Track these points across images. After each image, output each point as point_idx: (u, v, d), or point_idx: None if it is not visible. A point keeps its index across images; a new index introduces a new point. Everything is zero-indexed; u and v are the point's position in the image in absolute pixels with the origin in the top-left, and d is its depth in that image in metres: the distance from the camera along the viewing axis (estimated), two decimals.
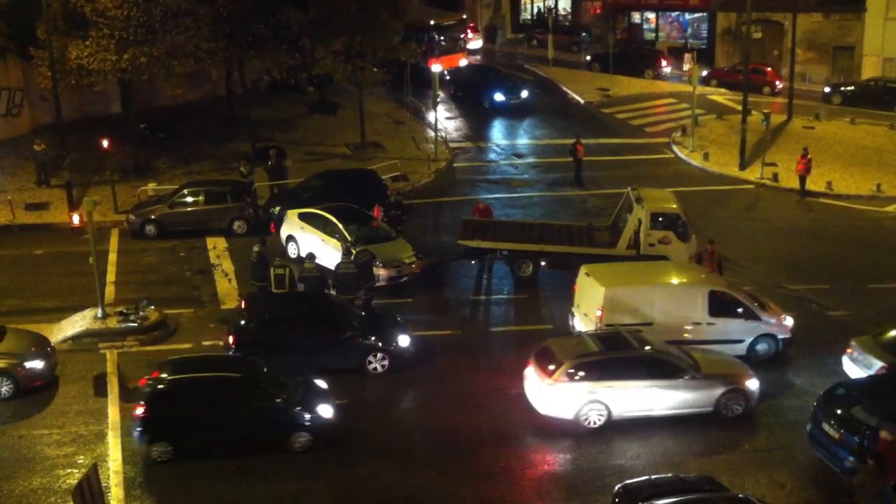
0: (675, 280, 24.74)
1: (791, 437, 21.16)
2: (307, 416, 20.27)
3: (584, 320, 24.28)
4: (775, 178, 38.38)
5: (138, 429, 19.76)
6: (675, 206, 28.76)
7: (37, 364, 22.44)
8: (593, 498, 19.07)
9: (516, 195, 36.86)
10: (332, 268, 27.07)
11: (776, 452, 20.74)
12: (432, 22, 53.28)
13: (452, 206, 35.43)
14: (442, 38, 53.63)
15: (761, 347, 24.05)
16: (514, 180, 38.75)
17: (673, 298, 23.84)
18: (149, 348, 24.72)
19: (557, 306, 27.63)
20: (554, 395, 20.91)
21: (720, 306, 23.83)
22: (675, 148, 42.73)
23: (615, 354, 21.35)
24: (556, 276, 29.09)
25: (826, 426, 19.63)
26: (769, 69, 52.16)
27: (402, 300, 27.53)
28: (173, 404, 19.82)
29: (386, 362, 23.43)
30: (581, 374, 20.93)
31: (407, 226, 31.89)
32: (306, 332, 23.07)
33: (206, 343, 25.03)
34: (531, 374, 21.59)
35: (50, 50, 32.95)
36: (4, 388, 22.02)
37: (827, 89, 50.98)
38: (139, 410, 19.73)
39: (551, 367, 21.06)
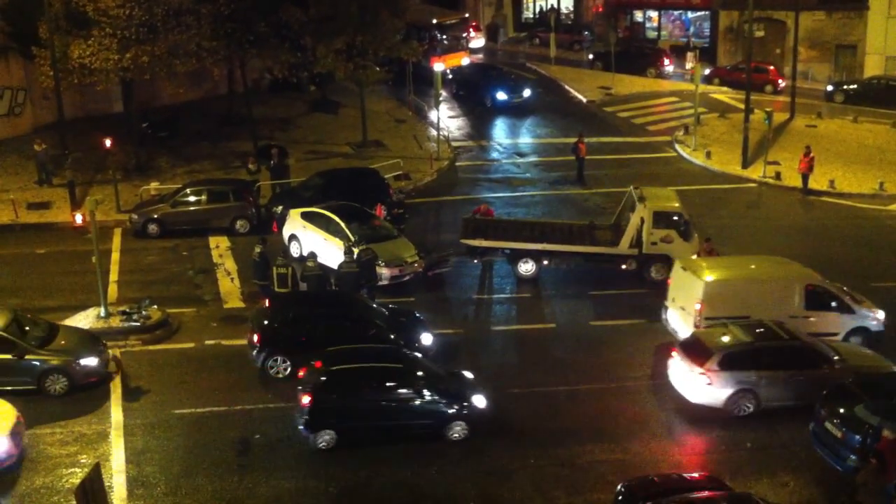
0: (772, 274, 25.08)
1: (793, 435, 21.15)
2: (464, 406, 20.77)
3: (681, 314, 24.48)
4: (777, 176, 38.35)
5: (304, 417, 20.18)
6: (677, 204, 28.76)
7: (91, 361, 22.58)
8: (595, 496, 19.07)
9: (518, 194, 36.85)
10: (335, 267, 27.07)
11: (778, 451, 20.75)
12: (434, 20, 53.26)
13: (454, 205, 35.43)
14: (444, 36, 53.61)
15: (855, 340, 24.28)
16: (516, 179, 38.74)
17: (771, 292, 24.14)
18: (151, 347, 24.76)
19: (559, 305, 27.69)
20: (704, 383, 21.37)
21: (816, 300, 24.24)
22: (677, 146, 42.71)
23: (766, 344, 21.86)
24: (558, 275, 29.13)
25: (828, 425, 19.64)
26: (771, 67, 52.11)
27: (404, 299, 27.53)
28: (340, 394, 20.30)
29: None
30: (732, 363, 21.37)
31: (409, 224, 31.89)
32: (331, 330, 23.20)
33: (208, 342, 25.06)
34: (678, 364, 22.07)
35: (52, 49, 32.97)
36: (59, 385, 22.14)
37: (829, 88, 50.92)
38: (305, 399, 20.14)
39: (702, 357, 21.53)
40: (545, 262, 28.71)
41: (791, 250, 31.52)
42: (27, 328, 22.83)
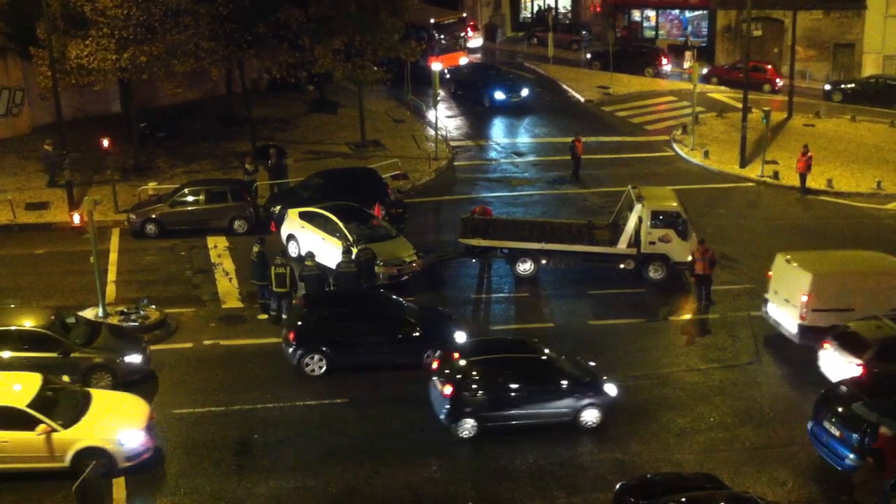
0: (877, 267, 25.22)
1: (792, 434, 21.19)
2: (598, 394, 21.19)
3: (784, 306, 24.66)
4: (776, 175, 38.38)
5: (447, 407, 20.48)
6: (675, 204, 28.78)
7: (135, 358, 22.68)
8: (594, 496, 19.09)
9: (517, 193, 36.86)
10: (333, 266, 27.07)
11: (777, 450, 20.77)
12: (432, 20, 53.24)
13: (453, 204, 35.43)
14: (442, 36, 53.58)
15: None
16: (514, 179, 38.75)
17: (877, 285, 24.25)
18: (150, 347, 24.70)
19: (558, 304, 27.69)
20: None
21: None
22: (675, 146, 42.73)
23: None
24: (557, 275, 29.14)
25: (827, 423, 19.66)
26: (769, 67, 52.14)
27: (402, 299, 27.52)
28: (481, 384, 20.67)
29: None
30: (889, 355, 21.50)
31: (408, 224, 31.89)
32: (365, 329, 23.53)
33: (207, 342, 25.05)
34: (831, 355, 22.39)
35: (50, 49, 32.93)
36: (104, 382, 22.21)
37: (827, 87, 50.96)
38: (447, 390, 20.47)
39: (858, 349, 21.80)
40: (544, 262, 28.73)
41: (790, 249, 31.52)
42: (71, 326, 22.98)
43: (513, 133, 45.63)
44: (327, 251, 28.21)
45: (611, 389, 21.49)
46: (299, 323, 23.49)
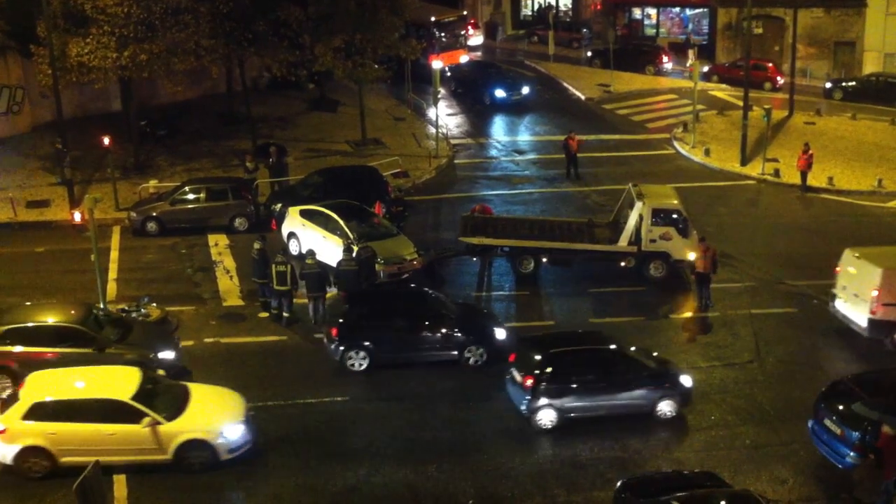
0: None
1: (792, 432, 21.19)
2: (674, 385, 21.56)
3: (853, 301, 24.82)
4: (776, 173, 38.36)
5: (527, 397, 20.94)
6: (676, 201, 28.78)
7: (168, 354, 22.73)
8: (595, 494, 19.09)
9: (517, 191, 36.85)
10: (334, 264, 27.07)
11: (777, 448, 20.78)
12: (433, 18, 53.17)
13: (453, 202, 35.42)
14: (442, 34, 53.51)
15: None
16: (514, 177, 38.74)
17: None
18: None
19: (559, 302, 27.69)
20: None
21: None
22: (676, 144, 42.71)
23: None
24: (557, 273, 29.13)
25: (827, 421, 19.66)
26: (770, 65, 52.05)
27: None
28: (560, 375, 21.07)
29: (483, 355, 23.72)
30: None
31: (408, 222, 31.89)
32: (407, 326, 23.72)
33: (207, 340, 25.05)
34: None
35: (50, 47, 32.91)
36: None
37: (828, 85, 50.88)
38: (528, 381, 20.92)
39: None
40: (544, 260, 28.72)
41: (790, 247, 31.64)
42: (104, 323, 23.06)
43: (513, 131, 45.61)
44: (328, 249, 28.21)
45: (686, 380, 21.76)
46: (341, 318, 23.68)
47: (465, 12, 58.76)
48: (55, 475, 19.20)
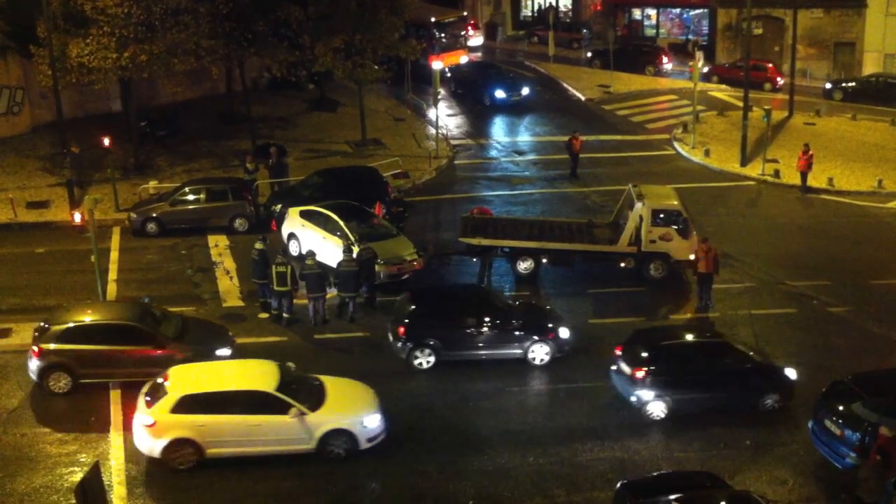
0: None
1: (792, 433, 21.19)
2: (779, 378, 21.97)
3: None
4: (776, 174, 38.37)
5: (638, 389, 21.43)
6: (676, 202, 28.77)
7: (225, 351, 22.89)
8: (595, 494, 19.09)
9: (517, 192, 36.85)
10: (334, 265, 27.06)
11: (777, 448, 20.78)
12: (433, 19, 53.20)
13: (454, 203, 35.42)
14: (442, 35, 53.55)
15: None
16: (514, 177, 38.74)
17: None
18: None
19: (558, 303, 27.64)
20: None
21: None
22: (675, 144, 42.72)
23: None
24: (557, 273, 29.13)
25: (827, 422, 19.66)
26: (770, 65, 52.07)
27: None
28: (671, 367, 21.50)
29: (549, 353, 23.92)
30: None
31: (408, 223, 31.89)
32: (473, 323, 23.89)
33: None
34: None
35: (50, 48, 32.92)
36: None
37: (828, 85, 50.91)
38: (640, 374, 21.42)
39: None
40: (544, 261, 28.72)
41: (790, 248, 31.65)
42: (161, 320, 23.18)
43: (513, 132, 45.61)
44: (328, 250, 28.21)
45: (791, 374, 22.12)
46: (408, 317, 23.79)
47: (465, 13, 58.80)
48: (202, 467, 19.55)
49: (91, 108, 43.18)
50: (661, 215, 28.34)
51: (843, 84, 50.87)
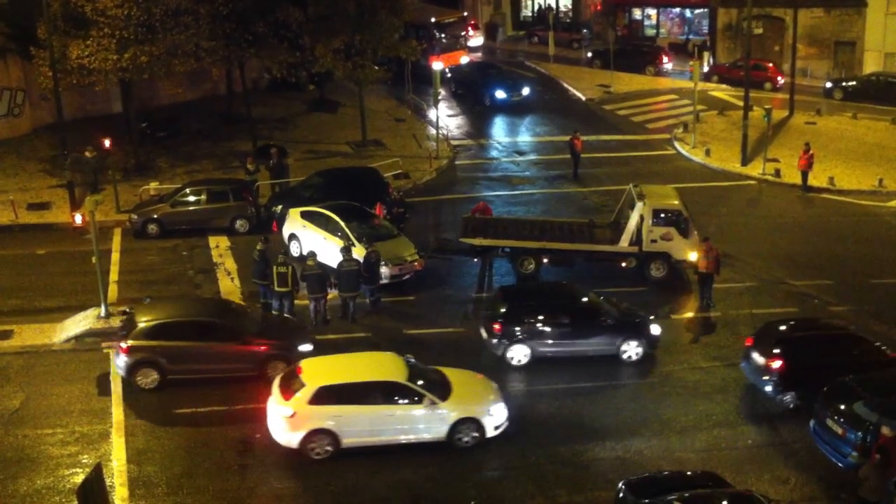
0: None
1: (794, 432, 21.18)
2: None
3: None
4: (777, 173, 38.36)
5: (773, 380, 21.83)
6: (676, 202, 28.77)
7: (307, 347, 23.20)
8: (596, 494, 19.09)
9: (517, 192, 36.85)
10: (334, 266, 27.06)
11: (779, 448, 20.77)
12: (433, 19, 53.22)
13: (454, 203, 35.42)
14: (442, 35, 53.57)
15: None
16: (515, 177, 38.74)
17: None
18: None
19: None
20: None
21: None
22: (676, 144, 42.71)
23: None
24: (558, 274, 29.12)
25: (829, 421, 19.66)
26: (770, 65, 52.07)
27: (403, 298, 27.57)
28: (807, 359, 21.83)
29: (640, 350, 24.12)
30: None
31: (409, 223, 31.89)
32: (565, 320, 24.10)
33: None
34: None
35: (50, 50, 32.92)
36: (279, 371, 22.33)
37: (828, 85, 50.88)
38: (776, 364, 21.70)
39: None
40: (545, 261, 28.72)
41: (791, 247, 31.64)
42: (241, 316, 23.68)
43: (514, 132, 45.62)
44: (329, 250, 28.21)
45: None
46: (503, 314, 23.93)
47: (465, 13, 58.82)
48: (338, 457, 19.94)
49: (91, 109, 43.19)
50: (662, 215, 28.34)
51: (844, 83, 50.84)
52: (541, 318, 24.04)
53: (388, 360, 21.27)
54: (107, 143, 34.82)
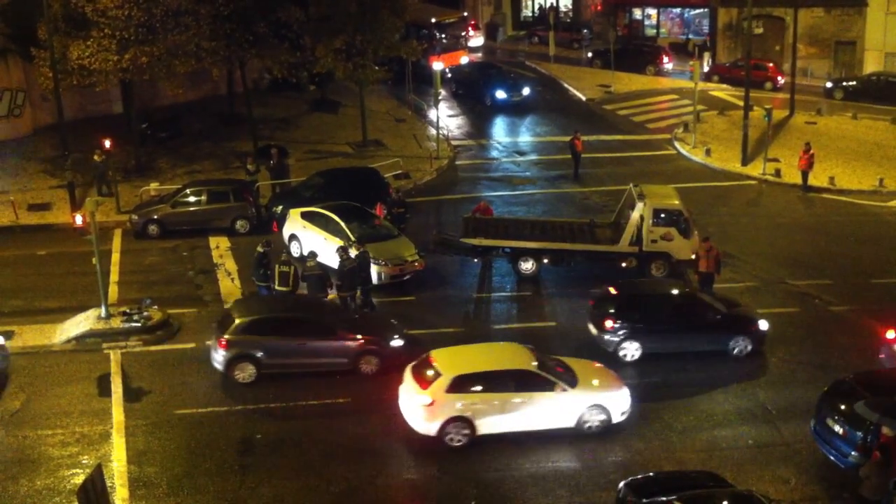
0: None
1: (795, 432, 21.17)
2: None
3: None
4: (777, 173, 38.36)
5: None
6: (677, 202, 28.76)
7: (399, 342, 23.65)
8: (597, 495, 19.08)
9: (518, 192, 36.86)
10: (335, 266, 27.04)
11: (780, 448, 20.75)
12: (433, 19, 53.25)
13: (454, 203, 35.43)
14: (443, 35, 53.59)
15: None
16: (515, 178, 38.75)
17: None
18: (152, 348, 24.77)
19: (560, 303, 27.68)
20: None
21: None
22: (676, 144, 42.72)
23: None
24: (559, 274, 29.13)
25: (830, 421, 19.64)
26: (771, 65, 52.08)
27: (404, 298, 27.56)
28: None
29: (749, 346, 24.34)
30: None
31: (409, 223, 31.89)
32: (676, 316, 24.39)
33: (209, 342, 24.99)
34: None
35: (51, 50, 32.95)
36: (371, 366, 23.26)
37: (829, 84, 50.89)
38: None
39: None
40: (545, 261, 28.72)
41: (791, 247, 31.64)
42: (336, 313, 24.24)
43: (514, 132, 45.63)
44: (329, 251, 28.20)
45: None
46: (615, 311, 24.14)
47: (465, 13, 58.85)
48: (473, 444, 20.31)
49: (92, 110, 43.22)
50: (663, 215, 28.34)
51: (844, 83, 50.86)
52: (653, 314, 24.31)
53: (514, 349, 21.78)
54: (107, 143, 34.81)
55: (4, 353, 23.32)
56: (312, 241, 29.15)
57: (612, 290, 25.14)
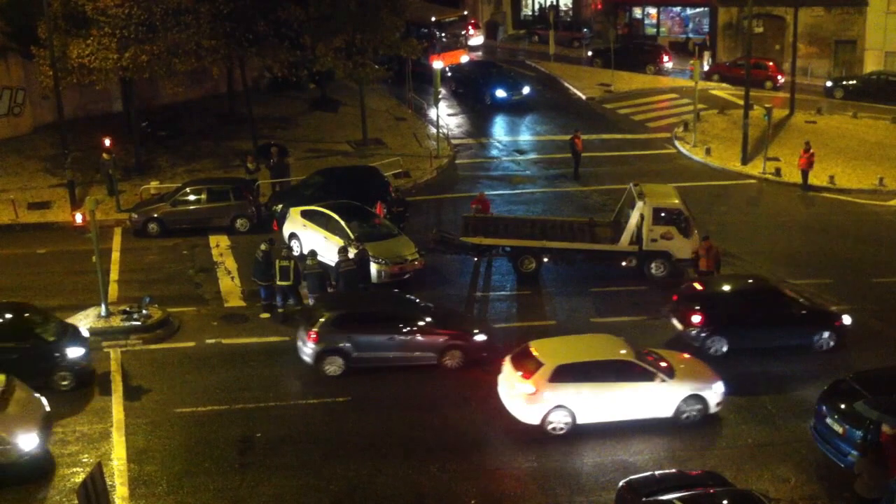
0: None
1: (794, 431, 21.18)
2: None
3: None
4: (777, 172, 38.36)
5: None
6: (677, 201, 28.77)
7: (482, 337, 23.93)
8: (597, 494, 19.09)
9: (518, 191, 36.86)
10: (334, 264, 27.07)
11: (779, 447, 20.76)
12: (433, 18, 53.25)
13: (454, 202, 35.43)
14: (443, 34, 53.58)
15: None
16: (515, 176, 38.76)
17: None
18: (152, 346, 24.77)
19: (560, 302, 27.68)
20: None
21: None
22: (676, 143, 42.72)
23: None
24: (559, 272, 29.13)
25: (830, 420, 19.64)
26: (771, 64, 52.07)
27: None
28: None
29: (833, 341, 24.54)
30: None
31: (409, 222, 31.89)
32: (762, 311, 24.51)
33: (209, 341, 25.05)
34: None
35: (51, 49, 32.96)
36: (456, 360, 23.61)
37: (829, 83, 50.89)
38: None
39: None
40: (546, 259, 28.73)
41: (791, 246, 31.65)
42: (422, 309, 24.35)
43: (514, 131, 45.63)
44: (329, 250, 28.21)
45: None
46: (702, 306, 24.26)
47: (465, 12, 58.84)
48: (575, 434, 20.65)
49: (92, 108, 43.24)
50: (663, 214, 28.34)
51: (844, 82, 50.85)
52: (740, 309, 24.43)
53: (610, 340, 22.02)
54: (107, 142, 34.81)
55: (87, 347, 23.24)
56: (313, 239, 29.16)
57: (698, 286, 25.40)
